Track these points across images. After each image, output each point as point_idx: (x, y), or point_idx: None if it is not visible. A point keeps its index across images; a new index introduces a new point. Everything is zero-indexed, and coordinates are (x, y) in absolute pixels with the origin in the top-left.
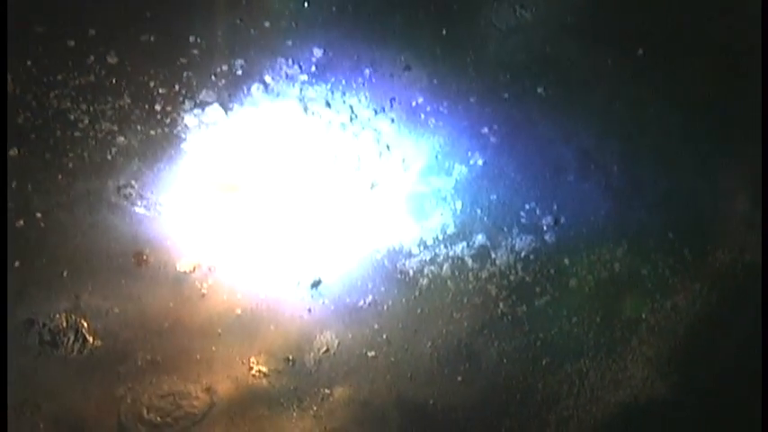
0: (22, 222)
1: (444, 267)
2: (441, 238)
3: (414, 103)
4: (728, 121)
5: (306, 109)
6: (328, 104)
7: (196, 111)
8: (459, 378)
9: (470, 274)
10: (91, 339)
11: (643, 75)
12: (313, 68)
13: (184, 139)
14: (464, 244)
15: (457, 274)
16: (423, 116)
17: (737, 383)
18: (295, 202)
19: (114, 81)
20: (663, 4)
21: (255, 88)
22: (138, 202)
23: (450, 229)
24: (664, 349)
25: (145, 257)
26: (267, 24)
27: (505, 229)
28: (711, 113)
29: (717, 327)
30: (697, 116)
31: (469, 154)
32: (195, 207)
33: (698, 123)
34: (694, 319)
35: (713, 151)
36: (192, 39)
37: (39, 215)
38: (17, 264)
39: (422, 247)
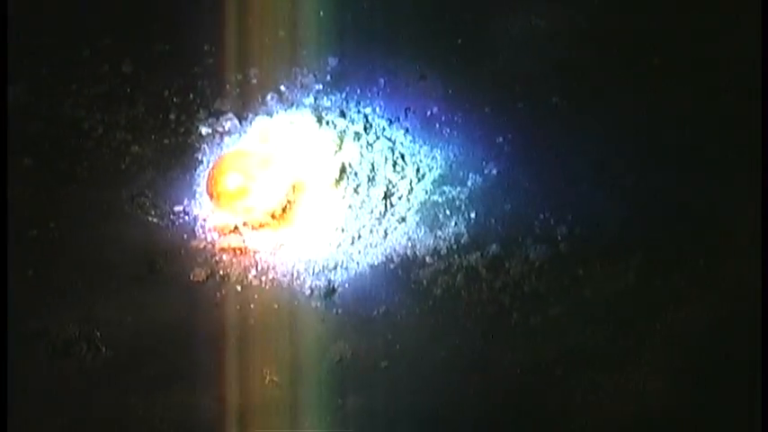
0: (35, 232)
1: (458, 277)
2: (454, 247)
3: (428, 113)
4: (748, 132)
5: (320, 118)
6: (343, 114)
7: (210, 120)
8: (473, 389)
9: (484, 284)
10: (103, 349)
11: (659, 84)
12: (328, 78)
13: (198, 149)
14: (478, 254)
15: (470, 284)
16: (437, 126)
17: (753, 396)
18: (308, 211)
19: (128, 90)
20: (679, 15)
21: (270, 97)
22: (152, 212)
23: (464, 239)
24: (677, 361)
25: (158, 267)
26: (282, 33)
27: (519, 238)
28: (729, 124)
29: (731, 338)
30: (715, 127)
31: (484, 164)
32: (209, 217)
33: (715, 134)
34: (709, 330)
35: (730, 162)
36: (206, 48)
37: (52, 225)
38: (30, 273)
39: (435, 257)
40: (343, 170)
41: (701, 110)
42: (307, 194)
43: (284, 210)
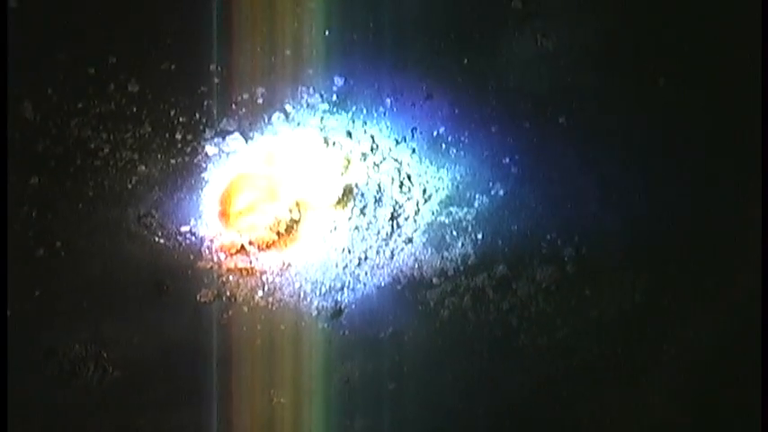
0: (41, 251)
1: (465, 298)
2: (461, 268)
3: (435, 133)
4: (754, 151)
5: (327, 138)
6: (349, 134)
7: (217, 140)
8: (480, 410)
9: (491, 305)
10: (111, 369)
11: (665, 105)
12: (334, 97)
13: (205, 168)
14: (485, 275)
15: (478, 305)
16: (444, 146)
17: (759, 414)
18: (315, 232)
19: (135, 109)
20: (684, 35)
21: (276, 117)
22: (159, 232)
23: (471, 260)
24: (685, 379)
25: (165, 287)
26: (288, 53)
27: (527, 259)
28: (735, 143)
29: (739, 356)
30: (719, 146)
31: (491, 184)
32: (216, 237)
33: (721, 153)
34: (716, 348)
35: (736, 181)
36: (212, 67)
37: (59, 244)
38: (37, 293)
39: (442, 278)
40: (349, 191)
41: (707, 129)
42: (313, 215)
43: (291, 230)
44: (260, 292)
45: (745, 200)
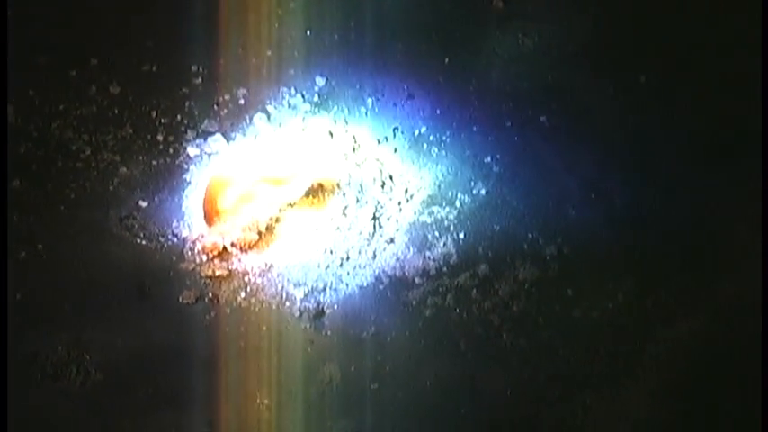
0: (23, 254)
1: (448, 298)
2: (444, 268)
3: (417, 133)
4: (733, 150)
5: (308, 139)
6: (331, 134)
7: (198, 141)
8: (463, 411)
9: (474, 304)
10: (93, 372)
11: (646, 103)
12: (316, 98)
13: (187, 170)
14: (467, 274)
15: (460, 304)
16: (425, 146)
17: (742, 415)
18: (296, 232)
19: (116, 111)
20: (665, 32)
21: (258, 118)
22: (141, 234)
23: (453, 260)
24: (667, 381)
25: (147, 289)
26: (269, 53)
27: (508, 259)
28: (715, 142)
29: (720, 358)
30: (701, 144)
31: (472, 183)
32: (198, 238)
33: (702, 152)
34: (698, 350)
35: (718, 180)
36: (194, 68)
37: (40, 247)
38: (18, 296)
39: (425, 278)
40: (331, 191)
41: (689, 128)
42: (295, 216)
43: (272, 231)
44: (242, 294)
45: (730, 200)
